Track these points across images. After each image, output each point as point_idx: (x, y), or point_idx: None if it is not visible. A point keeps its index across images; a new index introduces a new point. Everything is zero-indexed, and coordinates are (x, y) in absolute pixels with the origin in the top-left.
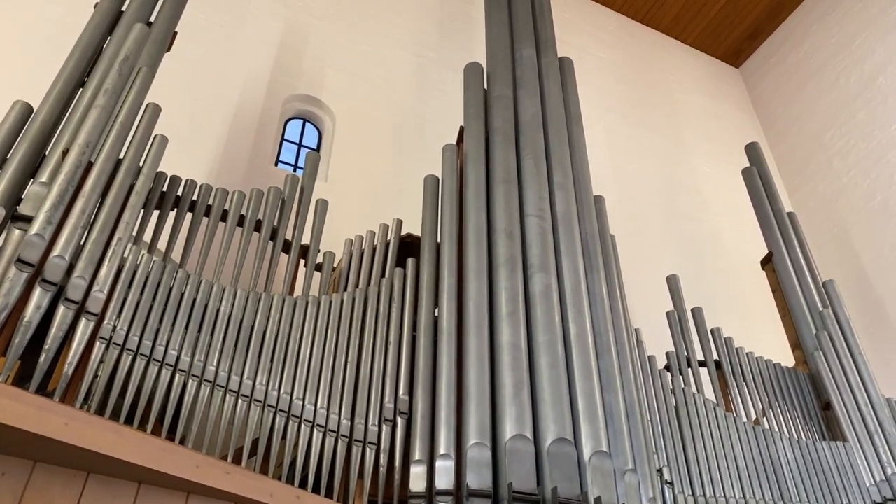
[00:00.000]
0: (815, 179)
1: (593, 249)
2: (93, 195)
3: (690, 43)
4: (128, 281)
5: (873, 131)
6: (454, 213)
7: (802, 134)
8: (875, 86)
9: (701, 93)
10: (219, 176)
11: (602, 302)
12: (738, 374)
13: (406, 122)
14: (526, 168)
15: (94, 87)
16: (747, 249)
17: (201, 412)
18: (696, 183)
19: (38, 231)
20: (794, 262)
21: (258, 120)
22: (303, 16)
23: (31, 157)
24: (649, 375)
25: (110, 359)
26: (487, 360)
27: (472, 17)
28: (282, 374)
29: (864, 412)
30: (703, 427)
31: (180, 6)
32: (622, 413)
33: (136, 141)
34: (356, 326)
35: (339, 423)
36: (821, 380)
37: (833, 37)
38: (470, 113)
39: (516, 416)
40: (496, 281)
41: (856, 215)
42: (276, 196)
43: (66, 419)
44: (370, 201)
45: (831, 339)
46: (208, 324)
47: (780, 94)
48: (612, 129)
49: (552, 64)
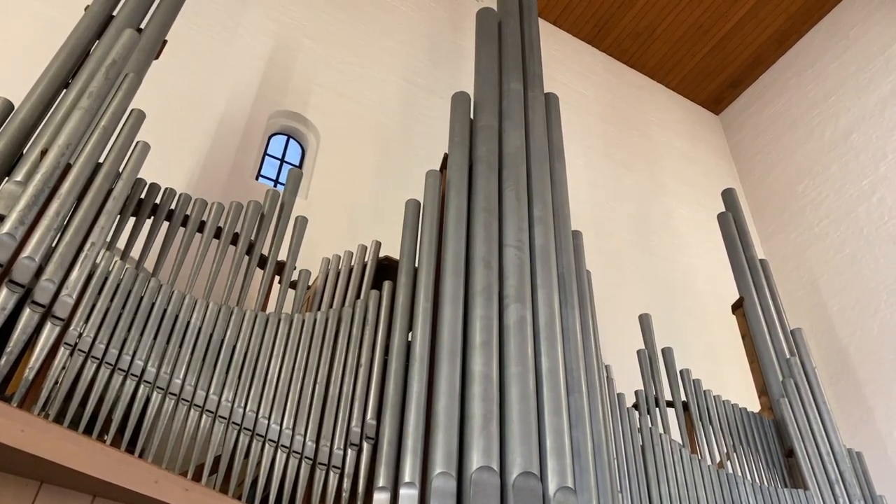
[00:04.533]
0: (787, 228)
1: (569, 284)
2: (69, 198)
3: (673, 87)
4: (98, 287)
5: (845, 185)
6: (433, 238)
7: (777, 183)
8: (848, 142)
9: (681, 136)
10: (198, 186)
11: (575, 337)
12: (704, 417)
13: (390, 144)
14: (507, 199)
15: (79, 89)
16: (719, 293)
17: (164, 425)
18: (672, 224)
19: (10, 231)
20: (765, 308)
21: (242, 133)
22: (294, 34)
23: (8, 156)
24: (618, 413)
25: (74, 365)
26: (458, 389)
27: (462, 47)
28: (248, 391)
29: (825, 461)
30: (668, 468)
31: (172, 14)
32: (589, 450)
33: (117, 146)
34: (328, 347)
35: (303, 445)
36: (785, 427)
37: (810, 92)
38: (455, 141)
39: (484, 447)
40: (471, 309)
41: (825, 265)
42: (256, 210)
43: (23, 426)
44: (349, 221)
45: (797, 387)
46: (177, 335)
47: (758, 143)
48: (592, 166)
49: (538, 98)
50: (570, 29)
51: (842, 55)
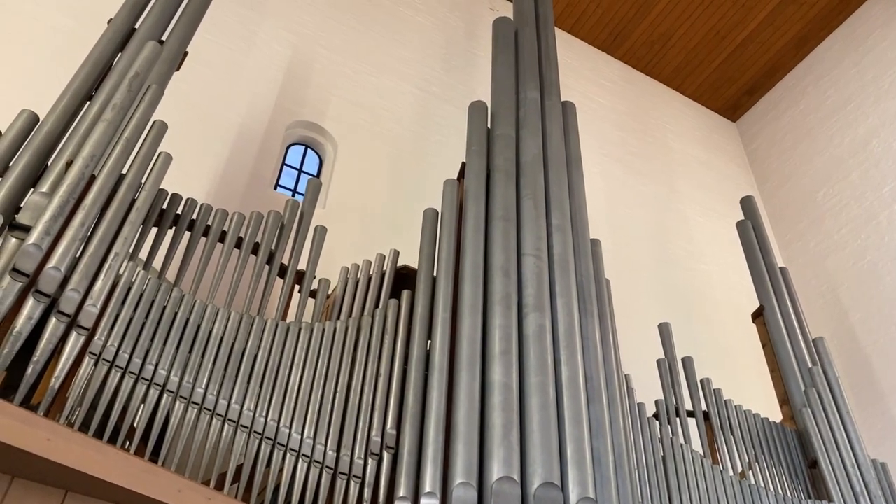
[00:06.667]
0: (806, 236)
1: (588, 292)
2: (93, 208)
3: (689, 95)
4: (122, 297)
5: (865, 192)
6: (452, 247)
7: (795, 190)
8: (868, 148)
9: (697, 144)
10: (217, 196)
11: (595, 346)
12: (725, 427)
13: (407, 154)
14: (525, 207)
15: (102, 101)
16: (737, 301)
17: (186, 435)
18: (689, 232)
19: (36, 241)
20: (785, 317)
21: (260, 143)
22: (310, 45)
23: (34, 167)
24: (638, 423)
25: (98, 375)
26: (478, 399)
27: (477, 56)
28: (270, 401)
29: (850, 472)
30: (689, 478)
31: (193, 27)
32: (610, 460)
33: (140, 157)
34: (347, 356)
35: (324, 454)
36: (808, 437)
37: (828, 98)
38: (472, 150)
39: (504, 457)
40: (490, 318)
41: (845, 274)
42: (276, 220)
43: (49, 434)
44: (367, 230)
45: (820, 397)
46: (199, 345)
47: (776, 150)
48: (609, 174)
49: (555, 107)
50: (585, 37)
51: (860, 61)
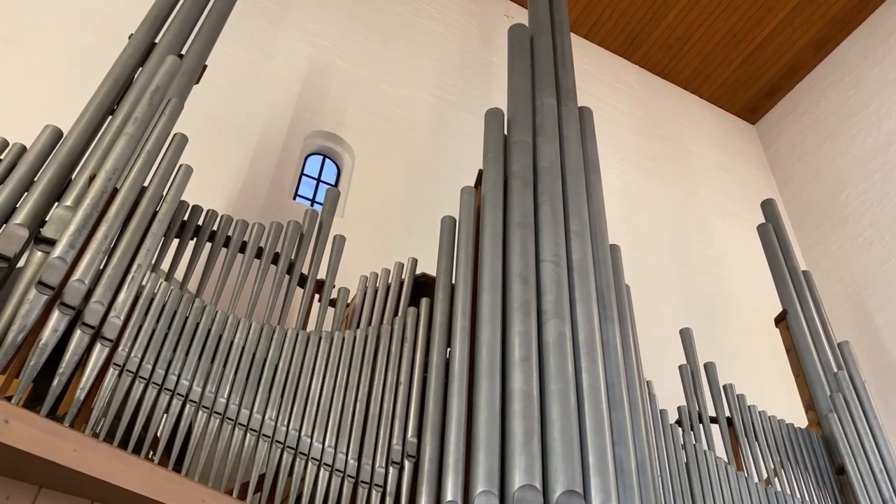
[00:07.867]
0: (828, 239)
1: (608, 298)
2: (116, 221)
3: (707, 98)
4: (145, 308)
5: (889, 193)
6: (470, 255)
7: (817, 193)
8: (891, 149)
9: (716, 147)
10: (236, 207)
11: (616, 352)
12: (749, 433)
13: (424, 162)
14: (543, 214)
15: (124, 115)
16: (759, 306)
17: (209, 445)
18: (709, 236)
19: (61, 254)
20: (809, 321)
21: (279, 154)
22: (328, 55)
23: (58, 181)
24: (660, 430)
25: (122, 385)
26: (498, 407)
27: (493, 63)
28: (291, 410)
29: (878, 479)
30: (713, 485)
31: (212, 40)
32: (633, 468)
33: (161, 169)
34: (367, 364)
35: (345, 463)
36: (835, 443)
37: (849, 99)
38: (489, 157)
39: (526, 465)
40: (510, 325)
41: (870, 276)
42: (295, 230)
43: (75, 445)
44: (385, 239)
45: (846, 402)
46: (221, 355)
47: (796, 153)
48: (627, 179)
49: (572, 112)
50: (601, 42)
51: (881, 62)
